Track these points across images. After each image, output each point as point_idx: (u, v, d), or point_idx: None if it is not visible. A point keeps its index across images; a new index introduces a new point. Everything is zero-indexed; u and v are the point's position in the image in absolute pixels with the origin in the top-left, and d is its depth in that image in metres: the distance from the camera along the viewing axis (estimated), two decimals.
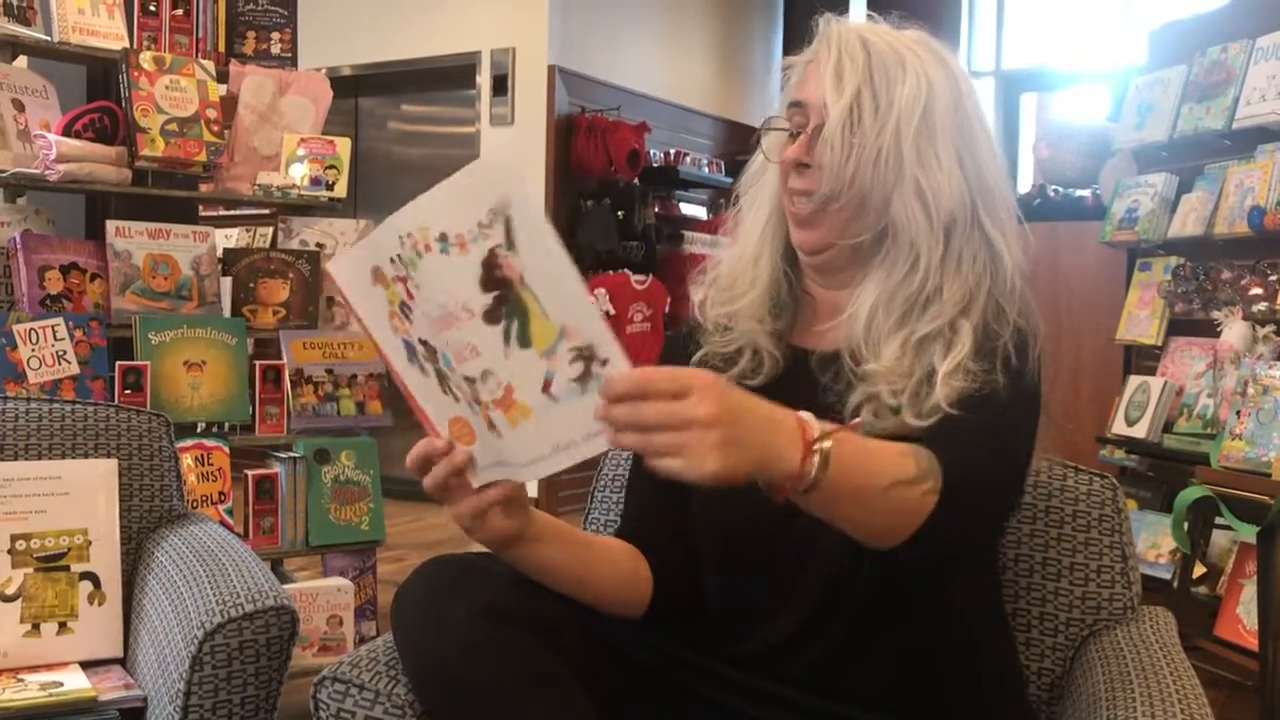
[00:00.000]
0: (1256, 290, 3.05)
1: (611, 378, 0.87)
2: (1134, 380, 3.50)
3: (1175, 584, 3.06)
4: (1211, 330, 3.20)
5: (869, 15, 1.25)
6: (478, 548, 1.18)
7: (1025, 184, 5.14)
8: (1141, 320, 3.57)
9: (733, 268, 1.28)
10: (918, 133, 1.14)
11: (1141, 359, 3.69)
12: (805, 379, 1.18)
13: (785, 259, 1.26)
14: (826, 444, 0.92)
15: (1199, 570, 3.08)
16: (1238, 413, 2.80)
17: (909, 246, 1.15)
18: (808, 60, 1.21)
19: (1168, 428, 3.29)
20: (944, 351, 1.11)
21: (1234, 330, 3.05)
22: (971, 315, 1.13)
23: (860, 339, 1.15)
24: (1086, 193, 4.59)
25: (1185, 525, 2.89)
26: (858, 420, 1.09)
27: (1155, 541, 3.32)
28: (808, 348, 1.22)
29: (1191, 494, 2.82)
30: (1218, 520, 2.93)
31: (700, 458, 0.85)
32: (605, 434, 0.89)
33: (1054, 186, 4.69)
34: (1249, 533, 2.74)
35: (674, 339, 1.34)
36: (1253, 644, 2.68)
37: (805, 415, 0.94)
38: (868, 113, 1.14)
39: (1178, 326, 3.46)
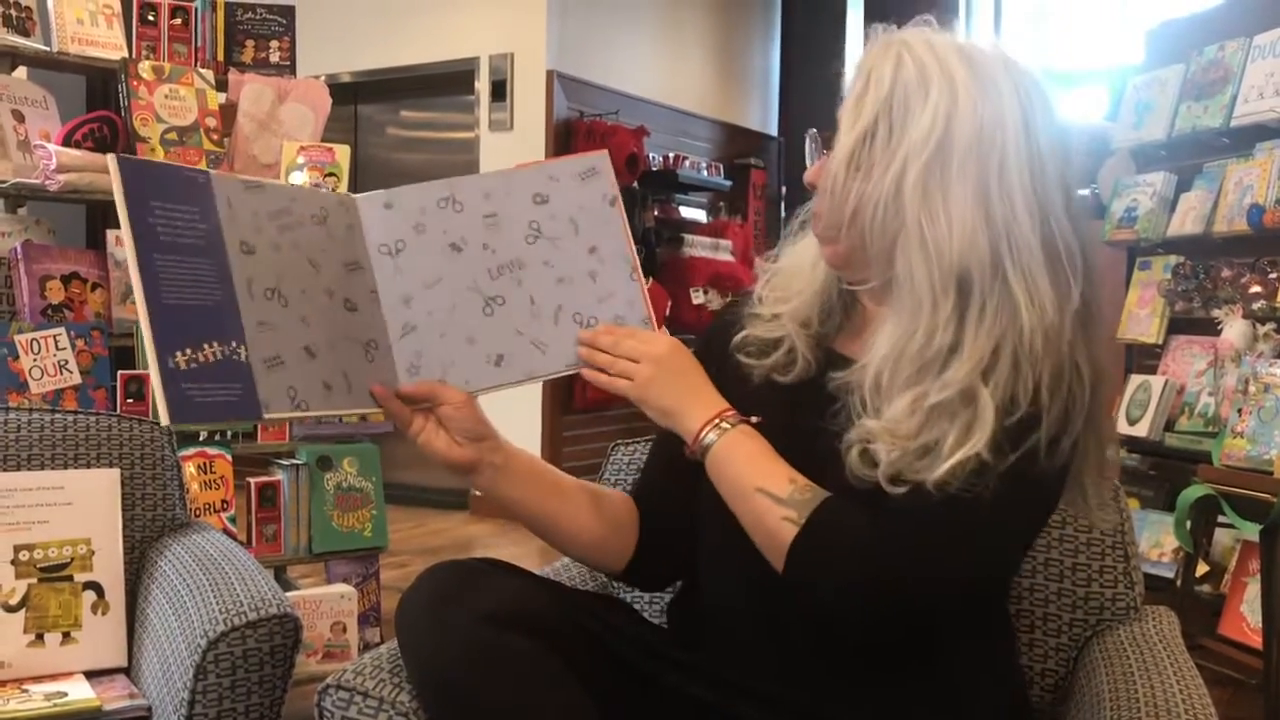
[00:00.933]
0: (1256, 288, 3.05)
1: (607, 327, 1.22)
2: (1135, 379, 3.50)
3: (1178, 583, 3.06)
4: (1212, 328, 3.20)
5: (925, 20, 1.13)
6: (481, 554, 1.19)
7: None
8: (1142, 319, 3.56)
9: (790, 265, 1.26)
10: (926, 174, 1.04)
11: (1142, 358, 3.69)
12: (828, 390, 1.14)
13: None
14: (725, 426, 1.14)
15: (1202, 569, 3.08)
16: (1239, 411, 2.80)
17: (914, 301, 1.06)
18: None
19: (1169, 426, 3.29)
20: (962, 433, 1.02)
21: (1234, 328, 3.05)
22: (993, 380, 1.03)
23: (869, 389, 1.08)
24: (1085, 192, 4.58)
25: (1188, 524, 2.89)
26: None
27: (1158, 540, 3.32)
28: (847, 355, 1.19)
29: (1194, 493, 2.82)
30: (1220, 519, 2.93)
31: (636, 381, 1.18)
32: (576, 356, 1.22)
33: (1079, 165, 4.68)
34: (1252, 531, 2.74)
35: (722, 317, 1.31)
36: (1257, 642, 2.68)
37: (732, 410, 1.16)
38: (878, 148, 1.07)
39: (1178, 325, 3.46)
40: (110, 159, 1.06)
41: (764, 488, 1.09)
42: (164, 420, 1.02)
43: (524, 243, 1.22)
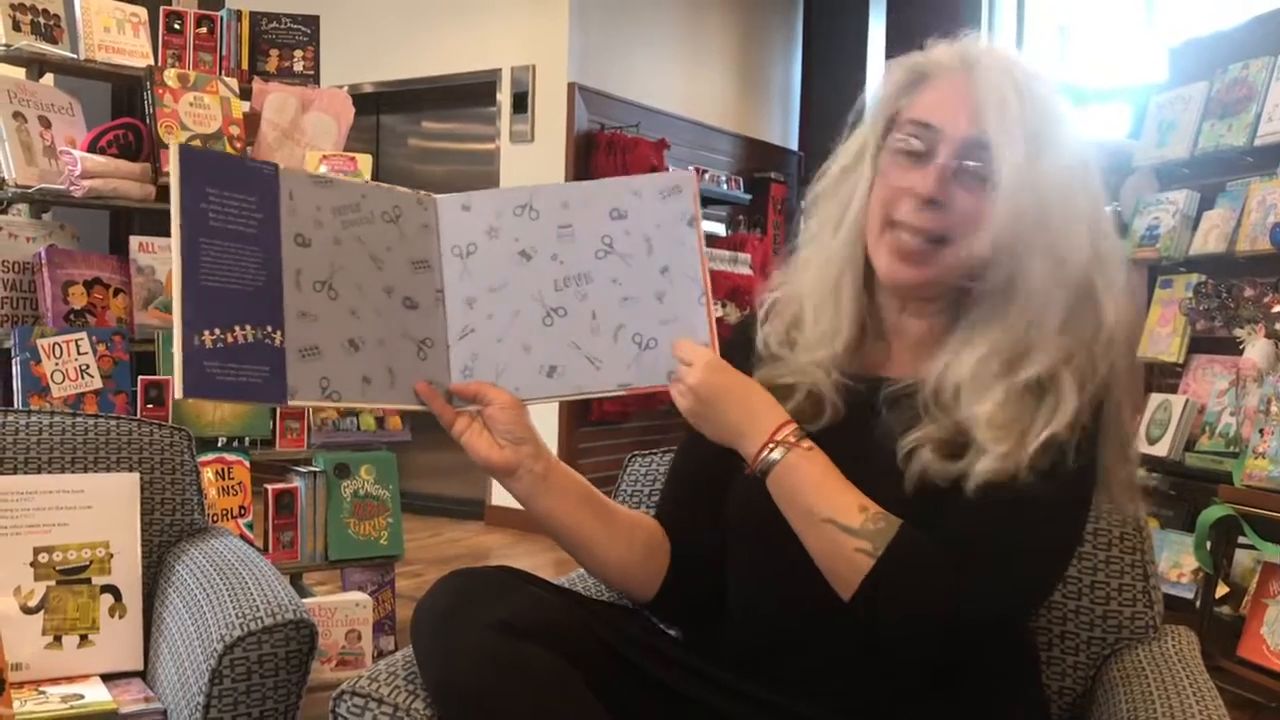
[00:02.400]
0: (1279, 308, 3.03)
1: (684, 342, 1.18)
2: (1155, 398, 3.47)
3: (1198, 604, 3.03)
4: (1234, 348, 3.18)
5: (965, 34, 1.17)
6: (497, 563, 1.19)
7: None
8: (1163, 338, 3.54)
9: (810, 299, 1.21)
10: (1067, 194, 1.10)
11: (1163, 377, 3.66)
12: (868, 411, 1.15)
13: (866, 291, 1.19)
14: (786, 445, 1.11)
15: (1222, 590, 3.05)
16: (1260, 431, 2.78)
17: (1035, 308, 1.10)
18: (942, 76, 1.13)
19: (1190, 446, 3.27)
20: (1050, 412, 1.07)
21: (1256, 348, 3.03)
22: (1072, 364, 1.09)
23: (963, 383, 1.10)
24: (1107, 209, 4.57)
25: (1208, 544, 2.87)
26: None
27: (1177, 561, 3.30)
28: (877, 375, 1.19)
29: (1214, 513, 2.80)
30: (1241, 539, 2.90)
31: (684, 401, 1.15)
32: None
33: None
34: (1273, 552, 2.72)
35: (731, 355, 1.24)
36: (1277, 665, 2.65)
37: (790, 424, 1.12)
38: (1035, 167, 1.08)
39: (1199, 344, 3.44)
40: (173, 145, 1.11)
41: (834, 518, 1.08)
42: (178, 393, 1.06)
43: (594, 257, 1.22)
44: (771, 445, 1.11)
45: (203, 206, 1.09)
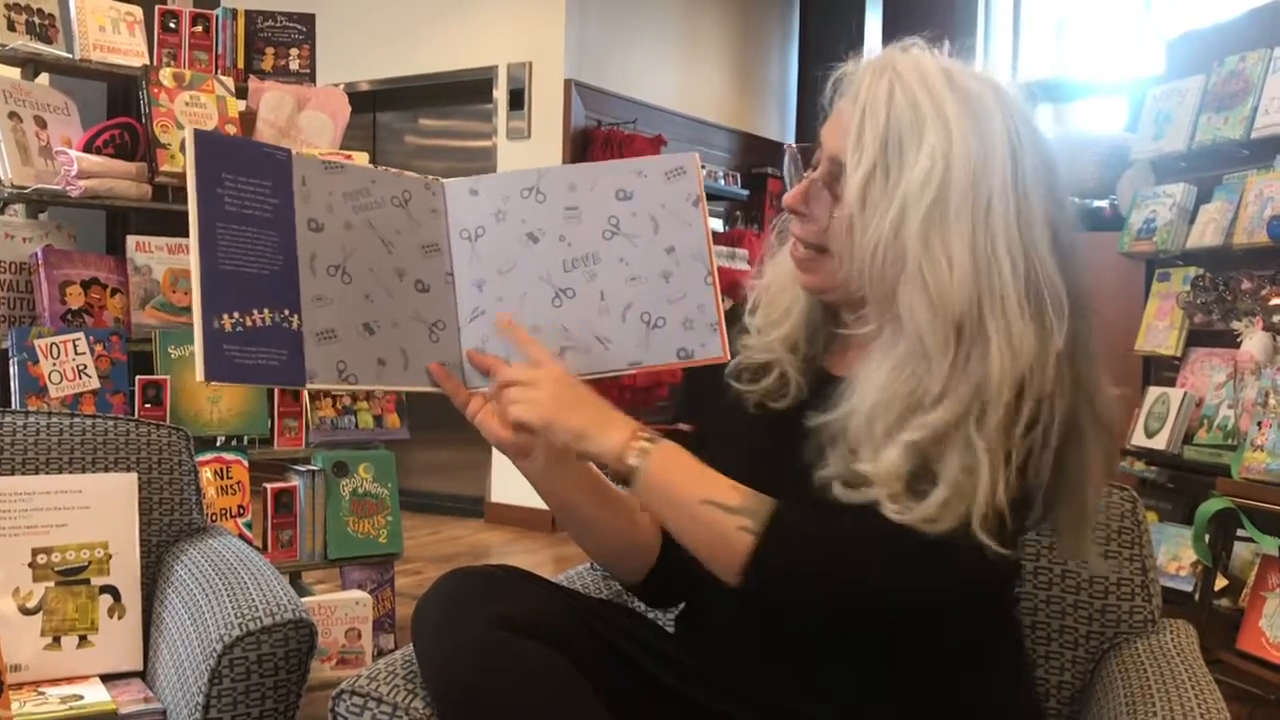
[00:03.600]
0: (1277, 300, 3.02)
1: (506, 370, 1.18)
2: (1153, 391, 3.47)
3: (1197, 597, 3.04)
4: (1231, 341, 3.18)
5: (923, 41, 1.12)
6: (496, 561, 1.19)
7: None
8: (1160, 331, 3.54)
9: (775, 283, 1.25)
10: (927, 219, 1.02)
11: (1160, 370, 3.66)
12: (823, 409, 1.13)
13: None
14: (649, 443, 1.10)
15: (1220, 583, 3.05)
16: (1259, 424, 2.79)
17: (913, 345, 1.04)
18: (848, 89, 1.11)
19: (1188, 439, 3.27)
20: (954, 473, 1.00)
21: (1254, 341, 3.03)
22: (970, 422, 1.01)
23: (861, 433, 1.06)
24: (1104, 203, 4.57)
25: (1206, 537, 2.87)
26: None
27: (1176, 554, 3.30)
28: (836, 374, 1.19)
29: (1212, 506, 2.80)
30: (1239, 532, 2.91)
31: (541, 402, 1.12)
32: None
33: (1071, 197, 4.66)
34: (1271, 545, 2.72)
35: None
36: (1276, 658, 2.65)
37: (646, 428, 1.12)
38: (877, 188, 1.05)
39: (1197, 337, 3.44)
40: (188, 130, 1.12)
41: (711, 499, 1.08)
42: (199, 377, 1.06)
43: (601, 238, 1.23)
44: (637, 439, 1.11)
45: (219, 191, 1.10)
